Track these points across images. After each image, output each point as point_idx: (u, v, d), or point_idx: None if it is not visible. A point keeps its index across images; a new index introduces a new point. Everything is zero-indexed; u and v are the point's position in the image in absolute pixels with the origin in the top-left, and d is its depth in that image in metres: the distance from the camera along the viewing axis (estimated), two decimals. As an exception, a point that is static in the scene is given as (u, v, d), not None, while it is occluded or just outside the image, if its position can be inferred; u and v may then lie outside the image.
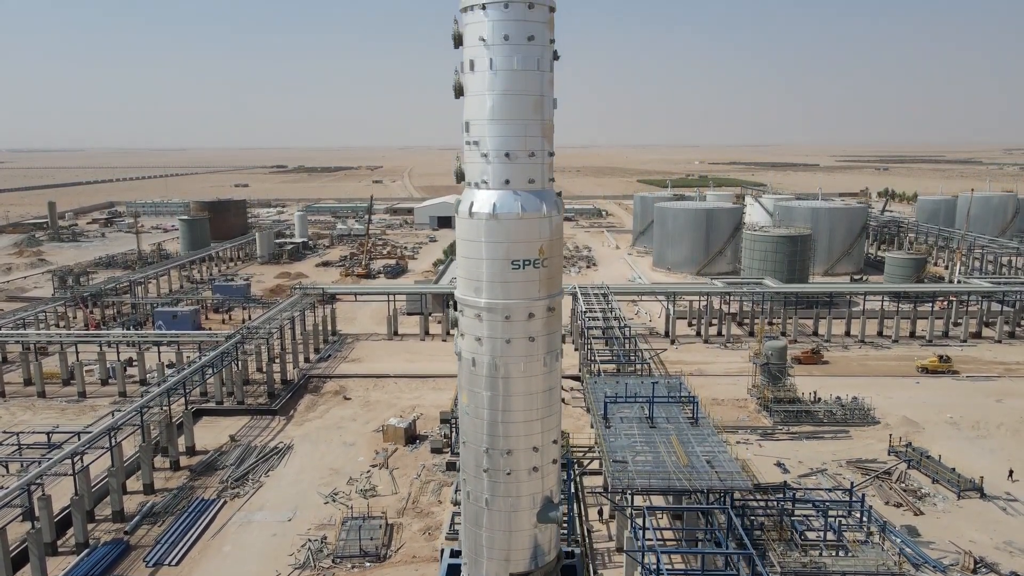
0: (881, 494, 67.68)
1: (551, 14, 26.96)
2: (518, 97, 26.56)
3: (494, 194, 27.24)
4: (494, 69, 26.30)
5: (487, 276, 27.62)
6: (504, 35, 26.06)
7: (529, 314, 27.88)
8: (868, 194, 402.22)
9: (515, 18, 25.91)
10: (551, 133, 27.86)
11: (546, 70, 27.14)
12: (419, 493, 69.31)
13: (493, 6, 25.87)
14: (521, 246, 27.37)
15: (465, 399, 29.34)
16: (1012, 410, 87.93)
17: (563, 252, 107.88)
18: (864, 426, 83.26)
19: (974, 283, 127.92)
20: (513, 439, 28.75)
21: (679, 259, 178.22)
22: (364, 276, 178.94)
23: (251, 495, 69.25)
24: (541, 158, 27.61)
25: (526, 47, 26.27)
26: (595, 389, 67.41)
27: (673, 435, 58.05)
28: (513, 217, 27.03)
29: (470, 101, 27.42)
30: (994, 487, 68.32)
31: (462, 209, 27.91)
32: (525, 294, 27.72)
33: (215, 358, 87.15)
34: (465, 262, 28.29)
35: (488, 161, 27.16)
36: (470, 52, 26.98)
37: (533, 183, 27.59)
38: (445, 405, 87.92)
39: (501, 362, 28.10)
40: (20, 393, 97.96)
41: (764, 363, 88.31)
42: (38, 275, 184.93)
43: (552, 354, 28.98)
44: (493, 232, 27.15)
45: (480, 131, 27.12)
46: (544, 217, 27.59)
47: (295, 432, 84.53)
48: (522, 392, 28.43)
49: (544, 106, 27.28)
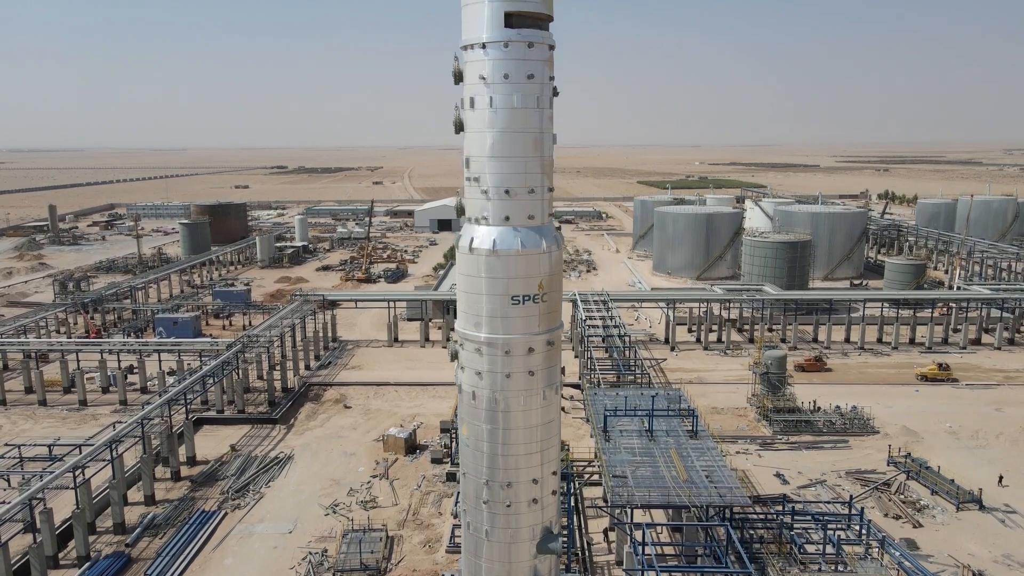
0: (880, 506, 67.82)
1: (551, 52, 27.12)
2: (518, 135, 26.74)
3: (494, 230, 27.41)
4: (494, 107, 26.46)
5: (487, 311, 27.80)
6: (504, 74, 26.23)
7: (529, 349, 28.07)
8: (868, 196, 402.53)
9: (515, 57, 26.09)
10: (551, 169, 28.02)
11: (545, 107, 27.32)
12: (419, 504, 69.46)
13: (493, 45, 26.04)
14: (521, 282, 27.56)
15: (465, 431, 29.52)
16: (1011, 419, 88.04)
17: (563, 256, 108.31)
18: (863, 436, 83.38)
19: (974, 289, 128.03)
20: (513, 472, 28.93)
21: (679, 264, 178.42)
22: (364, 280, 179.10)
23: (252, 506, 69.40)
24: (541, 194, 27.79)
25: (526, 85, 26.45)
26: (595, 401, 67.56)
27: (672, 448, 58.19)
28: (513, 253, 27.20)
29: (470, 138, 27.60)
30: (993, 499, 68.47)
31: (462, 244, 28.06)
32: (525, 329, 27.91)
33: (216, 368, 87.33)
34: (465, 296, 28.47)
35: (488, 198, 27.34)
36: (470, 90, 27.16)
37: (533, 219, 27.77)
38: (445, 414, 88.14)
39: (501, 396, 28.30)
40: (21, 401, 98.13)
41: (764, 372, 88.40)
42: (39, 279, 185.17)
43: (551, 387, 29.15)
44: (493, 268, 27.31)
45: (480, 168, 27.28)
46: (543, 253, 27.77)
47: (296, 441, 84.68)
48: (522, 426, 28.61)
49: (544, 143, 27.45)
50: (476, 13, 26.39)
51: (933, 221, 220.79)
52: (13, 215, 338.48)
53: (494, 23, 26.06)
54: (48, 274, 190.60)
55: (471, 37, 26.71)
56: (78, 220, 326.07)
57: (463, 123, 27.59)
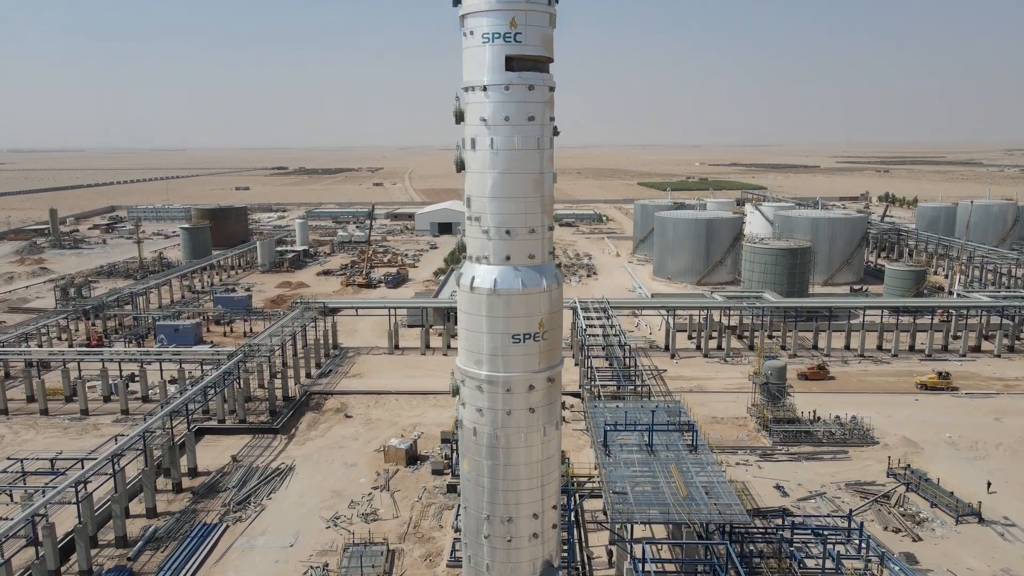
0: (880, 519, 68.04)
1: (551, 93, 27.34)
2: (518, 176, 27.00)
3: (495, 270, 27.65)
4: (495, 149, 26.70)
5: (488, 349, 28.04)
6: (505, 116, 26.47)
7: (529, 386, 28.31)
8: (868, 198, 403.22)
9: (516, 100, 26.32)
10: (551, 207, 28.23)
11: (546, 148, 27.56)
12: (420, 517, 69.68)
13: (494, 88, 26.29)
14: (521, 320, 27.81)
15: (466, 466, 29.77)
16: (1011, 429, 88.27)
17: (564, 264, 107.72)
18: (863, 446, 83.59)
19: (973, 297, 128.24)
20: (514, 507, 29.17)
21: (679, 269, 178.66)
22: (365, 285, 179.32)
23: (253, 519, 69.62)
24: (541, 233, 28.04)
25: (526, 127, 26.68)
26: (595, 414, 67.71)
27: (672, 463, 58.32)
28: (514, 293, 27.46)
29: (471, 178, 27.84)
30: (992, 511, 68.65)
31: (464, 283, 28.30)
32: (525, 367, 28.16)
33: (217, 378, 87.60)
34: (466, 334, 28.72)
35: (489, 237, 27.59)
36: (471, 131, 27.38)
37: (533, 258, 28.01)
38: (446, 423, 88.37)
39: (502, 433, 28.56)
40: (23, 410, 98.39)
41: (764, 383, 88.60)
42: (40, 284, 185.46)
43: (552, 423, 29.40)
44: (494, 307, 27.56)
45: (481, 207, 27.52)
46: (544, 291, 28.03)
47: (297, 452, 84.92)
48: (523, 462, 28.86)
49: (544, 183, 27.70)
50: (477, 56, 26.63)
51: (933, 225, 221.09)
52: (14, 217, 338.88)
53: (495, 66, 26.30)
54: (49, 279, 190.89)
55: (472, 79, 26.93)
56: (79, 223, 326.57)
57: (464, 162, 27.85)
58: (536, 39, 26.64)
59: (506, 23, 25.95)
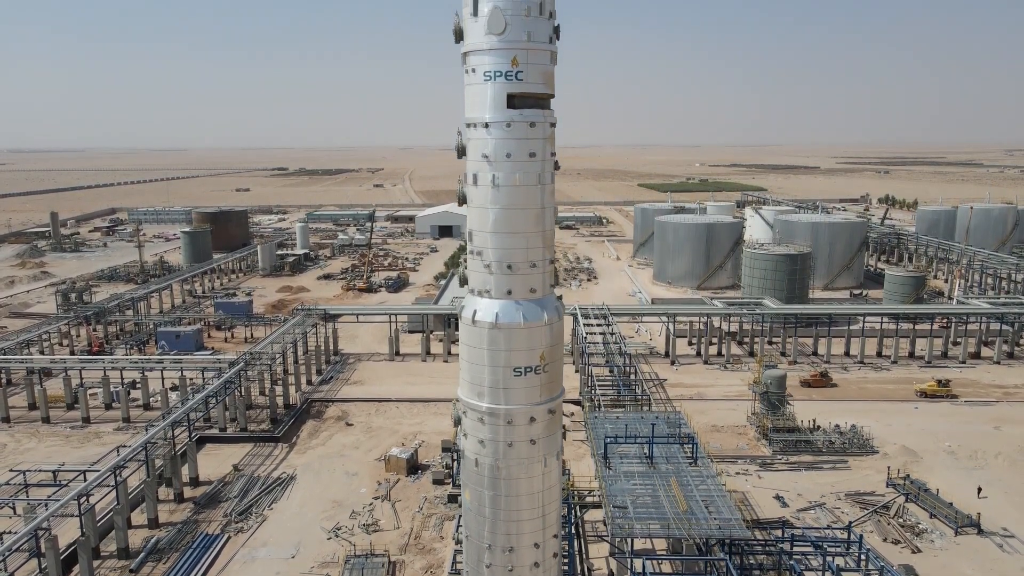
0: (879, 530, 68.24)
1: (552, 129, 27.57)
2: (520, 211, 27.24)
3: (496, 303, 27.91)
4: (496, 185, 26.94)
5: (489, 382, 28.29)
6: (507, 153, 26.69)
7: (531, 418, 28.58)
8: (868, 200, 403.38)
9: (517, 137, 26.55)
10: (552, 241, 28.47)
11: (547, 183, 27.81)
12: (421, 528, 69.91)
13: (496, 125, 26.51)
14: (523, 354, 28.06)
15: (468, 496, 30.02)
16: (1010, 438, 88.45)
17: (564, 267, 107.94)
18: (863, 456, 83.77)
19: (973, 303, 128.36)
20: (515, 537, 29.42)
21: (679, 273, 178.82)
22: (365, 290, 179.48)
23: (255, 530, 69.84)
24: (542, 267, 28.28)
25: (528, 163, 26.92)
26: (595, 425, 67.97)
27: (672, 476, 58.56)
28: (515, 327, 27.71)
29: (473, 212, 28.08)
30: (991, 522, 68.85)
31: (465, 315, 28.56)
32: (526, 399, 28.42)
33: (219, 387, 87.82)
34: (468, 366, 28.97)
35: (491, 272, 27.83)
36: (473, 166, 27.62)
37: (534, 292, 28.27)
38: (447, 431, 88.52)
39: (503, 464, 28.81)
40: (25, 418, 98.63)
41: (764, 392, 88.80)
42: (41, 288, 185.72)
43: (553, 454, 29.66)
44: (495, 341, 27.80)
45: (483, 242, 27.76)
46: (545, 325, 28.28)
47: (298, 461, 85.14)
48: (524, 492, 29.11)
49: (545, 218, 27.95)
50: (479, 93, 26.85)
51: (933, 228, 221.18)
52: (15, 219, 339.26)
53: (497, 104, 26.53)
54: (50, 283, 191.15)
55: (474, 116, 27.16)
56: (79, 225, 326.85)
57: (466, 196, 28.08)
58: (538, 77, 26.88)
59: (508, 62, 26.20)
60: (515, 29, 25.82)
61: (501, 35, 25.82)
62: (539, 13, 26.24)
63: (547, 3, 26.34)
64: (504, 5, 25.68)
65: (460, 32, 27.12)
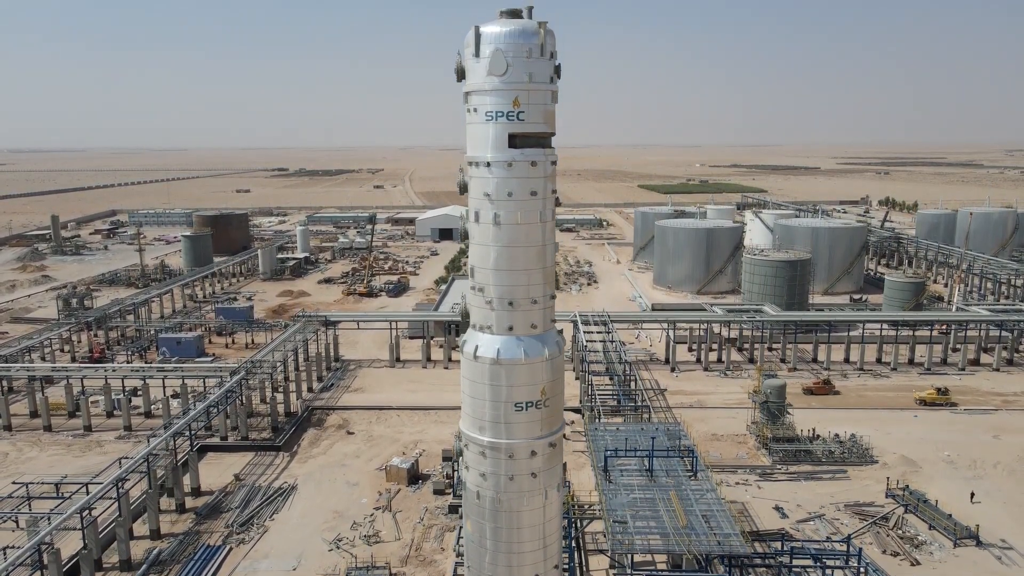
0: (878, 542, 68.48)
1: (553, 167, 27.84)
2: (521, 249, 27.48)
3: (497, 339, 28.16)
4: (498, 223, 27.19)
5: (490, 416, 28.56)
6: (508, 192, 26.95)
7: (531, 452, 28.84)
8: (868, 202, 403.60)
9: (519, 176, 26.80)
10: (552, 277, 28.69)
11: (548, 220, 28.07)
12: (422, 539, 70.16)
13: (497, 165, 26.76)
14: (524, 389, 28.32)
15: (470, 527, 30.27)
16: (1009, 447, 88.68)
17: (564, 271, 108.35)
18: (862, 465, 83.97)
19: (973, 311, 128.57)
20: (516, 569, 29.68)
21: (680, 277, 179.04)
22: (366, 295, 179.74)
23: (256, 541, 70.08)
24: (543, 303, 28.54)
25: (529, 202, 27.17)
26: (595, 438, 68.28)
27: (672, 490, 58.86)
28: (516, 363, 27.97)
29: (475, 249, 28.32)
30: (990, 534, 69.07)
31: (467, 350, 28.82)
32: (527, 434, 28.68)
33: (220, 397, 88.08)
34: (470, 400, 29.24)
35: (492, 308, 28.08)
36: (475, 204, 27.89)
37: (535, 328, 28.53)
38: (447, 440, 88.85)
39: (504, 497, 29.06)
40: (26, 426, 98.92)
41: (763, 402, 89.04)
42: (42, 293, 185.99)
43: (553, 486, 29.91)
44: (497, 376, 28.07)
45: (484, 278, 28.02)
46: (546, 360, 28.55)
47: (299, 470, 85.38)
48: (525, 525, 29.37)
49: (546, 254, 28.21)
50: (480, 132, 27.10)
51: (933, 232, 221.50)
52: (15, 221, 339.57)
53: (498, 143, 26.79)
54: (51, 287, 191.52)
55: (476, 155, 27.41)
56: (80, 227, 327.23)
57: (468, 233, 28.34)
58: (539, 116, 27.14)
59: (509, 102, 26.45)
60: (517, 70, 26.09)
61: (503, 76, 26.10)
62: (540, 54, 26.49)
63: (548, 44, 26.60)
64: (506, 47, 25.94)
65: (462, 71, 27.37)
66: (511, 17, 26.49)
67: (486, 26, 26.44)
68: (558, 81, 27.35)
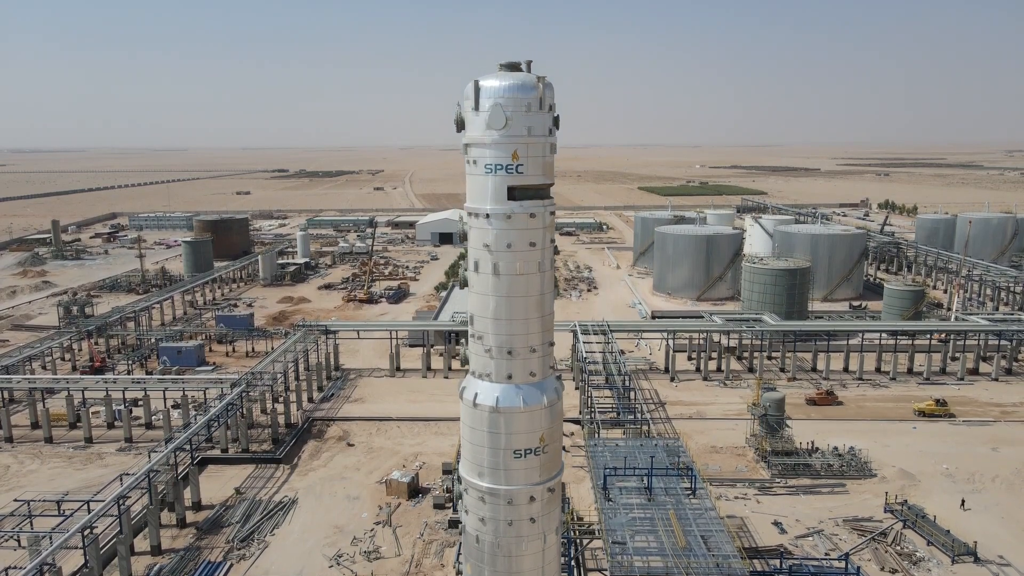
0: (876, 558, 68.73)
1: (552, 217, 28.09)
2: (521, 299, 27.75)
3: (497, 387, 28.42)
4: (497, 273, 27.44)
5: (489, 463, 28.84)
6: (507, 243, 27.20)
7: (530, 498, 29.12)
8: (868, 205, 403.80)
9: (518, 227, 27.05)
10: (551, 324, 28.98)
11: (547, 270, 28.33)
12: (422, 555, 70.39)
13: (497, 216, 27.02)
14: (522, 436, 28.59)
15: (470, 569, 30.54)
16: (1007, 460, 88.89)
17: (565, 277, 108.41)
18: (861, 479, 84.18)
19: (972, 320, 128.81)
20: (515, 611, 29.97)
21: (679, 284, 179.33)
22: (366, 301, 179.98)
23: (257, 557, 70.29)
24: (542, 351, 28.82)
25: (528, 252, 27.43)
26: (595, 455, 68.49)
27: (671, 510, 59.11)
28: (515, 411, 28.24)
29: (474, 298, 28.57)
30: (987, 550, 69.30)
31: (466, 397, 29.09)
32: (526, 480, 28.95)
33: (221, 410, 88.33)
34: (469, 446, 29.52)
35: (491, 356, 28.35)
36: (475, 253, 28.15)
37: (534, 376, 28.80)
38: (447, 452, 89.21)
39: (504, 542, 29.33)
40: (27, 438, 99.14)
41: (762, 415, 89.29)
42: (43, 299, 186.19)
43: (552, 530, 30.16)
44: (495, 424, 28.33)
45: (484, 327, 28.29)
46: (544, 408, 28.82)
47: (299, 483, 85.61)
48: (524, 569, 29.63)
49: (544, 303, 28.48)
50: (480, 184, 27.35)
51: (932, 236, 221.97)
52: (16, 225, 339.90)
53: (498, 196, 27.04)
54: (52, 293, 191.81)
55: (475, 206, 27.67)
56: (81, 231, 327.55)
57: (467, 281, 28.59)
58: (538, 169, 27.40)
59: (508, 156, 26.70)
60: (516, 124, 26.34)
61: (502, 130, 26.35)
62: (539, 108, 26.75)
63: (547, 97, 26.85)
64: (505, 101, 26.18)
65: (461, 122, 27.61)
66: (510, 70, 26.77)
67: (485, 80, 26.70)
68: (557, 132, 27.62)
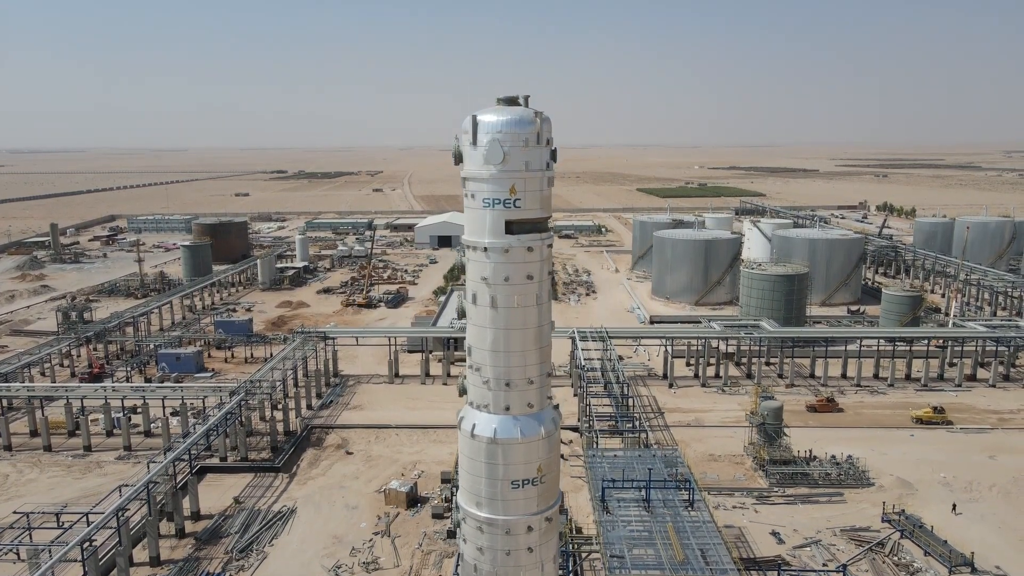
0: (874, 569, 68.93)
1: (549, 250, 28.24)
2: (518, 332, 27.91)
3: (494, 419, 28.59)
4: (495, 306, 27.60)
5: (487, 493, 29.00)
6: (505, 277, 27.35)
7: (528, 527, 29.27)
8: (867, 207, 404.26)
9: (516, 261, 27.22)
10: (549, 354, 29.13)
11: (544, 302, 28.49)
12: (420, 566, 70.52)
13: (494, 250, 27.18)
14: (520, 467, 28.75)
15: (468, 599, 30.77)
16: (1005, 469, 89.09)
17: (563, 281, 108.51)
18: (858, 488, 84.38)
19: (969, 327, 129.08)
20: (513, 640, 30.13)
21: (678, 288, 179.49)
22: (365, 305, 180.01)
23: (255, 568, 70.39)
24: (539, 383, 28.97)
25: (526, 285, 27.58)
26: (593, 467, 68.61)
27: (669, 523, 59.26)
28: (513, 442, 28.41)
29: (472, 330, 28.74)
30: (984, 560, 69.47)
31: (464, 427, 29.26)
32: (524, 510, 29.12)
33: (220, 419, 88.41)
34: (467, 476, 29.67)
35: (489, 388, 28.51)
36: (473, 286, 28.31)
37: (532, 407, 28.96)
38: (446, 461, 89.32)
39: (501, 571, 29.50)
40: (26, 446, 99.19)
41: (760, 424, 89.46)
42: (41, 304, 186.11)
43: (551, 559, 30.31)
44: (493, 455, 28.50)
45: (482, 359, 28.44)
46: (542, 439, 28.99)
47: (298, 492, 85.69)
48: None
49: (542, 335, 28.64)
50: (478, 217, 27.50)
51: (930, 240, 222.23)
52: (15, 227, 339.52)
53: (495, 230, 27.19)
54: (51, 297, 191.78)
55: (473, 239, 27.83)
56: (79, 234, 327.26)
57: (465, 312, 28.76)
58: (535, 203, 27.57)
59: (506, 190, 26.87)
60: (513, 159, 26.49)
61: (500, 165, 26.50)
62: (536, 142, 26.91)
63: (544, 132, 27.01)
64: (503, 136, 26.34)
65: (459, 156, 27.78)
66: (508, 104, 26.94)
67: (483, 114, 26.84)
68: (554, 166, 27.79)
